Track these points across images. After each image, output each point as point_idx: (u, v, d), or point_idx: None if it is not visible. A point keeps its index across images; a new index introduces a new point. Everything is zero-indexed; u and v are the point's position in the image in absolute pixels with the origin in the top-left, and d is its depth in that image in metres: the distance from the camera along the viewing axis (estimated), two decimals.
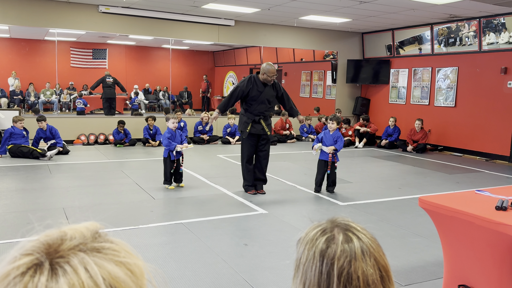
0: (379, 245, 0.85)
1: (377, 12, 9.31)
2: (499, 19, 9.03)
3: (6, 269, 0.53)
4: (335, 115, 6.00)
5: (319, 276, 0.81)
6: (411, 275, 3.40)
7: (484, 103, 9.59)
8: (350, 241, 0.82)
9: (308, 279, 0.82)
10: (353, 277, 0.79)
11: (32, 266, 0.52)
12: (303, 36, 11.83)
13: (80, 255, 0.54)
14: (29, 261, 0.53)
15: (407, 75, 11.47)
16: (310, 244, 0.85)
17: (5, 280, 0.52)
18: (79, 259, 0.53)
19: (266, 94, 5.75)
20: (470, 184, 6.70)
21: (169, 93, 16.41)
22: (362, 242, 0.82)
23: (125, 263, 0.55)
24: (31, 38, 14.98)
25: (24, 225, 4.21)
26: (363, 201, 5.57)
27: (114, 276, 0.53)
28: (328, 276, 0.80)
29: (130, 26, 10.03)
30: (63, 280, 0.51)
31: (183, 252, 3.70)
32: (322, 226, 0.87)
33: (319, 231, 0.86)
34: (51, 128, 8.57)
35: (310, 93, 14.40)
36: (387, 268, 0.83)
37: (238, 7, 9.29)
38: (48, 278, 0.51)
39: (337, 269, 0.80)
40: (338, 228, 0.85)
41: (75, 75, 15.73)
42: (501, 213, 2.51)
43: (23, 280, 0.51)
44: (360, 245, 0.82)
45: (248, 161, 5.82)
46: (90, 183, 6.15)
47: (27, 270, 0.52)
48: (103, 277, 0.52)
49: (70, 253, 0.54)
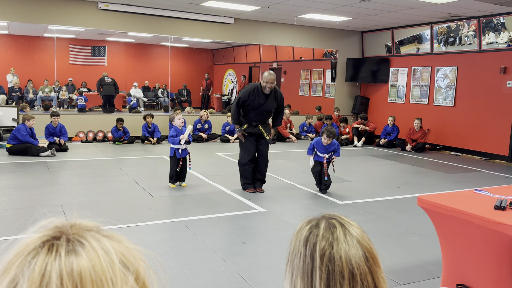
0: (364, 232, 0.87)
1: (376, 10, 9.30)
2: (498, 19, 9.03)
3: (24, 243, 0.55)
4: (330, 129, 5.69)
5: (303, 261, 0.82)
6: (409, 274, 3.40)
7: (483, 102, 9.59)
8: (333, 226, 0.84)
9: (295, 267, 0.84)
10: (335, 257, 0.80)
11: (50, 239, 0.54)
12: (302, 35, 11.81)
13: (92, 233, 0.57)
14: (46, 235, 0.55)
15: (406, 74, 11.47)
16: (297, 234, 0.87)
17: (24, 251, 0.53)
18: (92, 235, 0.56)
19: (268, 106, 5.69)
20: (468, 184, 6.70)
21: (168, 90, 16.39)
22: (345, 227, 0.85)
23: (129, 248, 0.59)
24: (30, 35, 14.93)
25: (22, 222, 4.20)
26: (361, 200, 5.57)
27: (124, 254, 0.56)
28: (312, 259, 0.81)
29: (129, 23, 10.01)
30: (82, 251, 0.53)
31: (181, 250, 3.69)
32: (310, 218, 0.90)
33: (305, 222, 0.89)
34: (61, 126, 8.56)
35: (309, 92, 14.39)
36: (372, 251, 0.84)
37: (238, 5, 9.27)
38: (66, 250, 0.53)
39: (319, 251, 0.81)
40: (324, 218, 0.88)
41: (74, 72, 15.69)
42: (499, 213, 2.51)
43: (41, 251, 0.53)
44: (343, 230, 0.84)
45: (250, 161, 5.77)
46: (88, 180, 6.14)
47: (46, 242, 0.54)
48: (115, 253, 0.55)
49: (84, 231, 0.57)
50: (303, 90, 14.69)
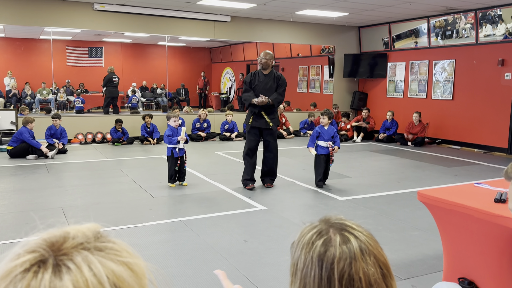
0: (376, 241, 0.83)
1: (373, 5, 9.28)
2: (495, 11, 9.02)
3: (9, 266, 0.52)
4: (327, 110, 6.02)
5: (319, 281, 0.78)
6: (410, 269, 3.40)
7: (481, 95, 9.59)
8: (348, 241, 0.80)
9: (308, 284, 0.79)
10: (355, 279, 0.77)
11: (36, 263, 0.52)
12: (299, 31, 11.79)
13: (83, 253, 0.53)
14: (32, 258, 0.52)
15: (404, 68, 11.46)
16: (306, 248, 0.82)
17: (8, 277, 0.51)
18: (83, 257, 0.53)
19: (265, 84, 5.87)
20: (468, 177, 6.71)
21: (166, 90, 16.36)
22: (360, 240, 0.80)
23: (127, 263, 0.55)
24: (26, 37, 14.90)
25: (23, 226, 4.20)
26: (362, 196, 5.57)
27: (117, 275, 0.53)
28: (329, 281, 0.77)
29: (126, 23, 9.98)
30: (67, 278, 0.50)
31: (182, 250, 3.70)
32: (317, 228, 0.84)
33: (314, 233, 0.83)
34: (63, 129, 8.55)
35: (308, 88, 14.38)
36: (387, 265, 0.81)
37: (234, 3, 9.25)
38: (52, 275, 0.50)
39: (337, 273, 0.77)
40: (334, 229, 0.82)
41: (71, 74, 15.66)
42: (500, 206, 2.51)
43: (26, 277, 0.50)
44: (358, 244, 0.79)
45: (247, 154, 5.91)
46: (88, 182, 6.14)
47: (31, 267, 0.51)
48: (107, 275, 0.52)
49: (74, 251, 0.54)
50: (301, 87, 14.68)
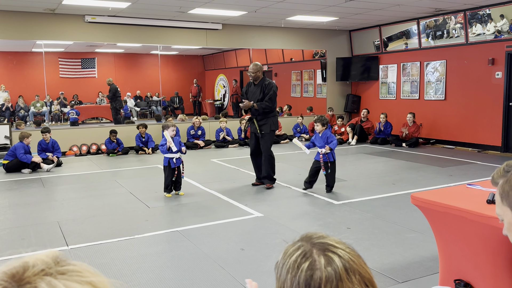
0: (359, 256, 0.84)
1: (363, 9, 9.35)
2: (484, 10, 9.10)
3: None
4: (321, 116, 6.02)
5: None
6: (407, 272, 3.41)
7: (473, 94, 9.66)
8: (332, 262, 0.80)
9: None
10: None
11: None
12: (291, 36, 11.85)
13: (47, 279, 0.54)
14: None
15: (396, 70, 11.53)
16: (292, 272, 0.82)
17: None
18: (47, 282, 0.53)
19: (253, 94, 6.21)
20: (463, 177, 6.74)
21: (163, 97, 16.38)
22: (344, 259, 0.81)
23: (91, 282, 0.56)
24: (18, 51, 14.88)
25: (18, 241, 4.18)
26: (358, 199, 5.59)
27: None
28: None
29: (118, 34, 10.00)
30: None
31: (179, 261, 3.69)
32: (300, 250, 0.85)
33: (299, 256, 0.84)
34: (54, 142, 8.53)
35: (301, 93, 14.43)
36: (372, 281, 0.82)
37: (225, 11, 9.29)
38: None
39: None
40: (317, 249, 0.83)
41: (64, 86, 15.65)
42: (492, 207, 2.52)
43: None
44: (342, 264, 0.80)
45: (251, 154, 6.43)
46: (84, 194, 6.12)
47: None
48: None
49: (37, 278, 0.54)
50: (295, 91, 14.73)
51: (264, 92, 6.18)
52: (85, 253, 3.89)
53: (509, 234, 1.31)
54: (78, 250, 4.00)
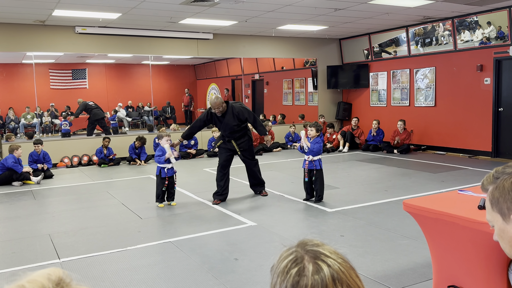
0: (351, 268, 0.84)
1: (352, 18, 9.44)
2: (472, 18, 9.24)
3: None
4: (315, 122, 6.02)
5: None
6: (401, 278, 3.42)
7: (463, 100, 9.76)
8: (321, 270, 0.81)
9: None
10: None
11: None
12: (281, 45, 11.92)
13: None
14: None
15: (386, 77, 11.63)
16: (281, 276, 0.83)
17: None
18: None
19: (227, 123, 5.98)
20: (454, 182, 6.78)
21: (155, 107, 16.34)
22: (333, 269, 0.81)
23: None
24: (8, 62, 14.79)
25: (9, 255, 4.13)
26: (350, 206, 5.60)
27: None
28: None
29: (108, 45, 9.99)
30: None
31: (173, 272, 3.66)
32: (293, 255, 0.85)
33: (290, 261, 0.84)
34: (45, 153, 8.47)
35: (293, 101, 14.48)
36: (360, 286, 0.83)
37: (216, 21, 9.33)
38: None
39: None
40: (308, 256, 0.84)
41: (55, 97, 15.56)
42: (483, 212, 2.54)
43: None
44: (330, 273, 0.80)
45: (222, 167, 6.12)
46: (75, 206, 6.07)
47: None
48: None
49: None
50: (286, 100, 14.78)
51: (239, 118, 5.94)
52: (77, 266, 3.85)
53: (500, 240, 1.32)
54: (70, 263, 3.96)
